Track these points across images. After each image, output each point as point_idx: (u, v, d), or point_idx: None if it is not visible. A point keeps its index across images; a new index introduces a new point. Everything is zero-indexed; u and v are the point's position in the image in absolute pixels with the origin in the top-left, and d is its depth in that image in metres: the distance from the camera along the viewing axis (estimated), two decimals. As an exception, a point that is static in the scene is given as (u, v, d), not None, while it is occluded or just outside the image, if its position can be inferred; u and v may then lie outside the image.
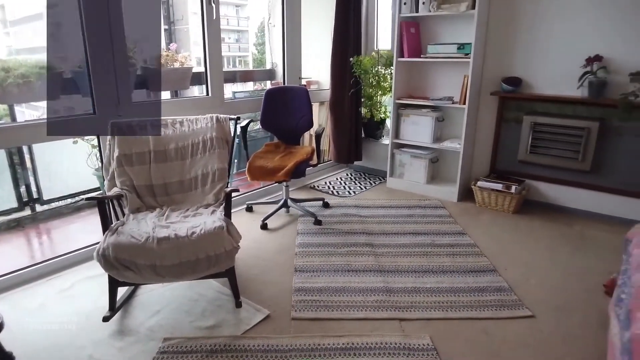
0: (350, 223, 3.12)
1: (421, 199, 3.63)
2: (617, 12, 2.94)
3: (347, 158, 4.23)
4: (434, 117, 3.65)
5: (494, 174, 3.61)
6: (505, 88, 3.36)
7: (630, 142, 3.03)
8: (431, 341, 1.86)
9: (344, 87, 4.02)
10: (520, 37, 3.33)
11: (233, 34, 12.46)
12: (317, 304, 2.14)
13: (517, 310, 2.09)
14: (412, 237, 2.88)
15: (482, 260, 2.58)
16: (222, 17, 4.17)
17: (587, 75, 3.03)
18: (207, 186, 2.42)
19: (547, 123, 3.26)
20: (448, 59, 3.48)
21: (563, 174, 3.32)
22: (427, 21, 3.76)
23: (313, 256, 2.63)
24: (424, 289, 2.27)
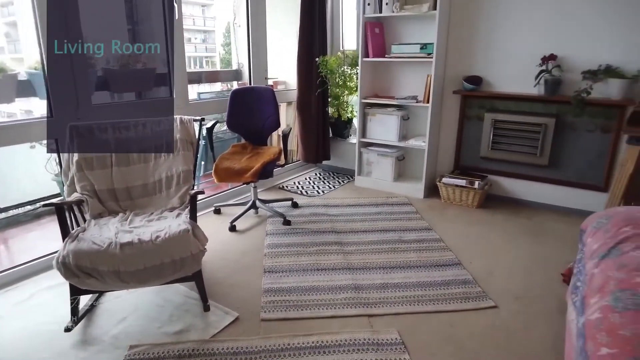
0: (319, 222, 3.13)
1: (389, 197, 3.69)
2: (570, 13, 3.08)
3: (316, 158, 4.24)
4: (399, 116, 3.71)
5: (458, 170, 3.71)
6: (466, 87, 3.46)
7: (584, 137, 3.17)
8: (399, 335, 1.90)
9: (310, 87, 4.03)
10: (480, 37, 3.44)
11: (199, 34, 12.27)
12: (287, 304, 2.14)
13: (481, 302, 2.16)
14: (380, 234, 2.92)
15: (448, 255, 2.64)
16: (188, 16, 4.09)
17: (542, 74, 3.16)
18: (172, 189, 2.38)
19: (506, 120, 3.38)
20: (412, 58, 3.55)
21: (523, 168, 3.45)
22: (391, 21, 3.82)
23: (282, 256, 2.63)
24: (392, 284, 2.31)
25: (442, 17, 3.36)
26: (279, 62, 4.38)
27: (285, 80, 4.49)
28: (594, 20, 3.01)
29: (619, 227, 1.92)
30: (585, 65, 3.05)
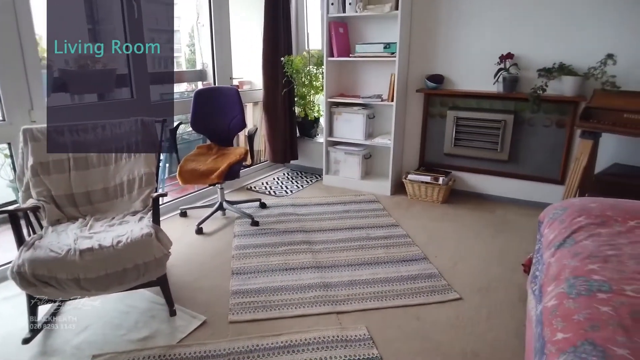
0: (287, 222, 3.12)
1: (356, 195, 3.73)
2: (526, 14, 3.20)
3: (283, 157, 4.23)
4: (365, 115, 3.75)
5: (423, 167, 3.79)
6: (429, 85, 3.54)
7: (541, 132, 3.30)
8: (367, 331, 1.92)
9: (276, 86, 4.02)
10: (441, 37, 3.52)
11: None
12: (255, 305, 2.13)
13: (447, 295, 2.21)
14: (348, 232, 2.95)
15: (414, 250, 2.69)
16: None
17: (501, 72, 3.26)
18: (134, 192, 2.32)
19: (468, 117, 3.47)
20: (375, 58, 3.59)
21: (485, 164, 3.55)
22: (354, 21, 3.85)
23: (250, 257, 2.61)
24: (360, 281, 2.33)
25: (404, 17, 3.42)
26: (244, 62, 4.35)
27: (251, 80, 4.46)
28: (548, 21, 3.13)
29: (573, 218, 2.01)
30: (540, 64, 3.18)
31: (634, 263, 1.61)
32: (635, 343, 1.18)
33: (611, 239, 1.81)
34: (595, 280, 1.49)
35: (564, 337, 1.25)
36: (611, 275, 1.52)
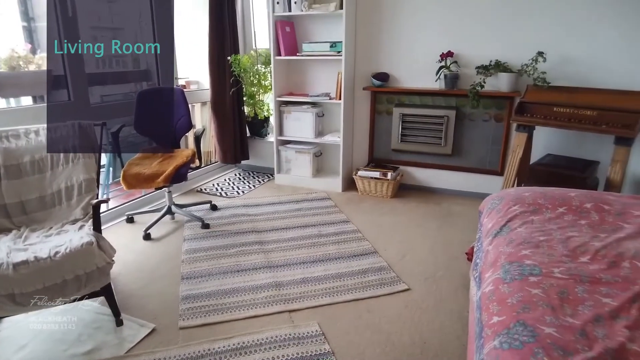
0: (239, 223, 3.10)
1: (308, 193, 3.75)
2: (464, 14, 3.34)
3: (234, 158, 4.18)
4: (314, 113, 3.78)
5: (372, 163, 3.87)
6: (375, 83, 3.61)
7: (481, 127, 3.47)
8: (319, 327, 1.95)
9: (224, 86, 3.96)
10: (385, 36, 3.61)
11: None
12: (206, 309, 2.10)
13: (396, 286, 2.28)
14: (300, 230, 2.96)
15: (365, 244, 2.75)
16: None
17: (442, 69, 3.39)
18: (73, 200, 2.21)
19: (413, 113, 3.59)
20: (322, 56, 3.62)
21: (430, 158, 3.69)
22: (301, 20, 3.87)
23: (201, 261, 2.56)
24: (312, 278, 2.36)
25: (349, 16, 3.47)
26: (191, 61, 4.24)
27: (199, 80, 4.36)
28: (485, 21, 3.29)
29: (509, 207, 2.13)
30: (478, 61, 3.33)
31: (562, 247, 1.73)
32: (561, 320, 1.28)
33: (542, 225, 1.94)
34: (528, 265, 1.59)
35: (498, 320, 1.33)
36: (542, 259, 1.63)
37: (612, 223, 1.96)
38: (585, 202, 2.09)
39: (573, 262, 1.61)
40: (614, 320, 1.29)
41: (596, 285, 1.47)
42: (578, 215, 2.03)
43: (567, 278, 1.50)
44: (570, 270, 1.55)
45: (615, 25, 2.98)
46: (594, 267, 1.58)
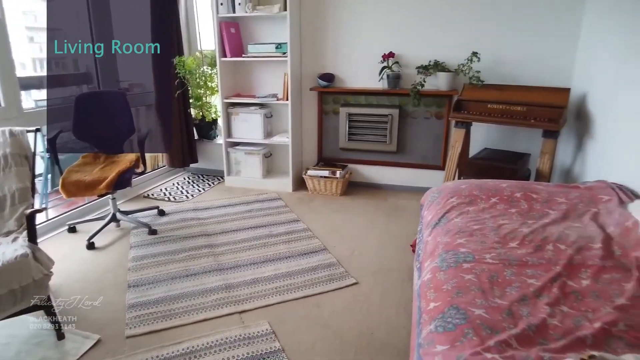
0: (188, 227, 3.05)
1: (259, 194, 3.75)
2: (404, 16, 3.47)
3: (182, 161, 4.10)
4: (262, 114, 3.78)
5: (321, 162, 3.93)
6: (321, 83, 3.67)
7: (423, 124, 3.62)
8: (269, 326, 1.97)
9: (169, 88, 3.88)
10: (329, 37, 3.68)
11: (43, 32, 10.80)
12: (154, 316, 2.06)
13: (344, 281, 2.34)
14: (251, 232, 2.97)
15: (314, 242, 2.80)
16: (29, 12, 3.71)
17: (385, 70, 3.50)
18: (6, 211, 2.10)
19: (358, 113, 3.68)
20: (268, 58, 3.64)
21: (377, 156, 3.80)
22: (245, 21, 3.86)
23: (148, 268, 2.51)
24: (263, 278, 2.37)
25: (293, 17, 3.51)
26: (134, 63, 4.11)
27: (142, 83, 4.24)
28: (424, 22, 3.44)
29: (447, 199, 2.25)
30: (418, 61, 3.47)
31: (494, 234, 1.86)
32: (490, 302, 1.38)
33: (477, 215, 2.06)
34: (462, 253, 1.69)
35: (435, 306, 1.41)
36: (475, 247, 1.74)
37: (539, 210, 2.12)
38: (515, 191, 2.25)
39: (503, 248, 1.73)
40: (538, 298, 1.41)
41: (523, 267, 1.59)
42: (509, 204, 2.17)
43: (497, 263, 1.61)
44: (500, 255, 1.67)
45: (540, 28, 3.22)
46: (521, 252, 1.71)
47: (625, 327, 1.27)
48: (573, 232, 1.86)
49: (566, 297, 1.43)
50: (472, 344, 1.16)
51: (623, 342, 1.22)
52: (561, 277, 1.53)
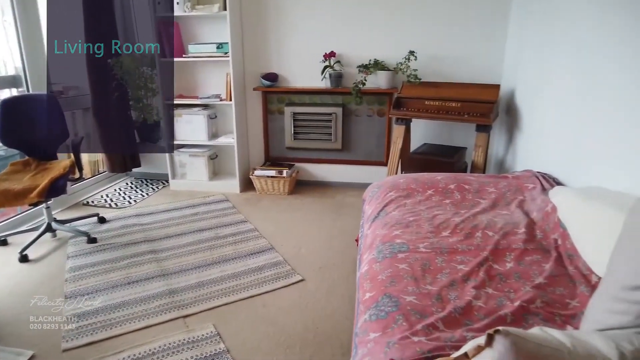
0: (130, 234, 2.96)
1: (205, 196, 3.70)
2: (344, 16, 3.54)
3: (124, 166, 3.96)
4: (206, 115, 3.73)
5: (268, 162, 3.93)
6: (264, 83, 3.67)
7: (366, 122, 3.71)
8: (214, 328, 1.95)
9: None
10: (272, 37, 3.68)
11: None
12: (93, 327, 1.99)
13: (290, 278, 2.37)
14: (196, 235, 2.92)
15: (262, 242, 2.81)
16: None
17: (327, 69, 3.56)
18: None
19: (303, 112, 3.72)
20: (210, 58, 3.59)
21: (323, 154, 3.85)
22: (185, 21, 3.78)
23: (87, 278, 2.41)
24: (208, 281, 2.35)
25: (234, 17, 3.48)
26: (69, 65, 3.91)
27: (78, 85, 4.05)
28: (364, 22, 3.52)
29: (386, 193, 2.33)
30: (359, 60, 3.55)
31: (428, 225, 1.94)
32: (422, 289, 1.45)
33: (413, 207, 2.15)
34: (397, 244, 1.77)
35: (370, 296, 1.47)
36: (410, 237, 1.81)
37: (471, 200, 2.24)
38: (449, 183, 2.37)
39: (436, 237, 1.82)
40: (465, 283, 1.50)
41: (453, 254, 1.68)
42: (443, 195, 2.28)
43: (429, 251, 1.69)
44: (433, 244, 1.76)
45: (472, 29, 3.39)
46: (453, 240, 1.80)
47: (542, 304, 1.38)
48: (500, 219, 1.99)
49: (491, 280, 1.53)
50: (401, 330, 1.22)
51: (539, 317, 1.32)
52: (487, 262, 1.63)
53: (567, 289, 1.48)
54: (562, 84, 2.45)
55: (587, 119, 2.13)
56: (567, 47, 2.39)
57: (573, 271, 1.58)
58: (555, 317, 1.33)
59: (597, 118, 2.04)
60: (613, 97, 1.91)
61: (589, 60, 2.14)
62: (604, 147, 1.97)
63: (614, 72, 1.92)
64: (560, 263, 1.64)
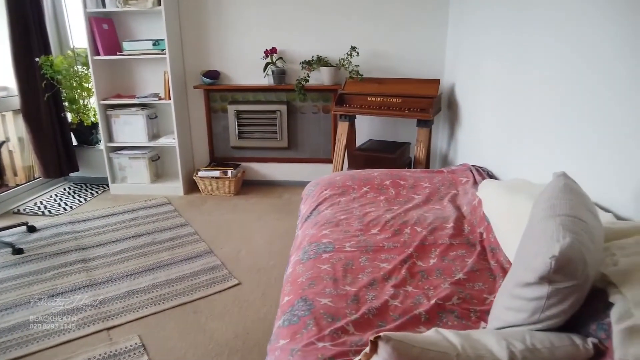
0: (60, 243, 2.79)
1: (147, 200, 3.55)
2: (285, 12, 3.47)
3: (59, 171, 3.75)
4: (145, 115, 3.58)
5: (214, 162, 3.83)
6: (205, 81, 3.56)
7: (311, 119, 3.67)
8: (140, 339, 1.86)
9: (35, 91, 3.52)
10: (212, 33, 3.57)
11: None
12: (8, 345, 1.85)
13: (226, 283, 2.30)
14: (132, 241, 2.79)
15: (200, 246, 2.71)
16: None
17: (269, 65, 3.49)
18: None
19: (247, 110, 3.64)
20: (146, 55, 3.45)
21: (268, 152, 3.78)
22: (120, 17, 3.61)
23: (7, 292, 2.25)
24: (139, 289, 2.24)
25: (170, 13, 3.35)
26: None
27: (7, 86, 3.80)
28: (305, 18, 3.48)
29: (321, 191, 2.29)
30: (302, 57, 3.51)
31: (358, 222, 1.92)
32: (340, 290, 1.41)
33: (347, 205, 2.12)
34: (323, 243, 1.73)
35: (287, 300, 1.42)
36: (337, 237, 1.78)
37: (405, 196, 2.24)
38: (385, 179, 2.35)
39: (364, 235, 1.80)
40: (386, 281, 1.47)
41: (378, 253, 1.66)
42: (378, 192, 2.27)
43: (354, 250, 1.66)
44: (359, 242, 1.73)
45: (413, 20, 3.40)
46: (380, 237, 1.78)
47: (459, 301, 1.37)
48: (431, 214, 1.99)
49: (413, 277, 1.51)
50: (309, 335, 1.17)
51: (454, 315, 1.31)
52: (412, 259, 1.61)
53: (486, 283, 1.48)
54: (492, 77, 2.49)
55: (516, 112, 2.16)
56: (496, 40, 2.43)
57: (494, 265, 1.59)
58: (470, 313, 1.32)
59: (525, 111, 2.07)
60: (540, 90, 1.94)
61: (519, 52, 2.17)
62: (531, 140, 2.00)
63: (542, 64, 1.96)
64: (483, 257, 1.65)
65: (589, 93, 1.55)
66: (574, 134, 1.65)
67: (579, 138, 1.62)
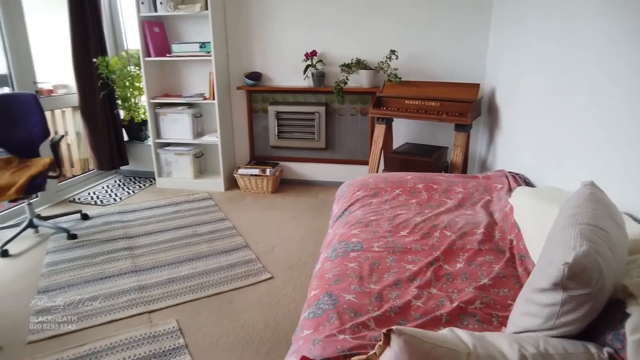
0: (110, 231, 3.00)
1: (190, 194, 3.74)
2: (326, 15, 3.55)
3: (111, 164, 4.02)
4: (190, 114, 3.77)
5: (253, 160, 3.96)
6: (248, 82, 3.70)
7: (349, 120, 3.72)
8: (177, 324, 1.99)
9: (92, 89, 3.78)
10: (255, 36, 3.70)
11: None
12: (61, 321, 2.03)
13: (260, 276, 2.40)
14: (174, 232, 2.96)
15: (237, 240, 2.84)
16: None
17: (309, 68, 3.57)
18: None
19: (287, 111, 3.74)
20: (193, 57, 3.62)
21: (306, 153, 3.87)
22: (169, 20, 3.82)
23: (62, 273, 2.46)
24: (178, 277, 2.38)
25: (217, 16, 3.51)
26: (57, 64, 3.97)
27: (68, 84, 4.11)
28: (346, 22, 3.54)
29: (354, 192, 2.34)
30: (341, 59, 3.57)
31: (388, 224, 1.96)
32: (364, 287, 1.46)
33: (378, 206, 2.17)
34: (352, 242, 1.78)
35: (314, 294, 1.49)
36: (366, 237, 1.83)
37: (438, 200, 2.25)
38: (418, 183, 2.37)
39: (392, 237, 1.84)
40: (411, 282, 1.51)
41: (405, 254, 1.70)
42: (411, 195, 2.29)
43: (382, 251, 1.71)
44: (387, 243, 1.77)
45: (453, 23, 3.38)
46: (409, 239, 1.82)
47: (481, 305, 1.38)
48: (462, 219, 2.00)
49: (438, 280, 1.54)
50: (331, 327, 1.24)
51: (475, 318, 1.33)
52: (438, 261, 1.64)
53: (511, 290, 1.48)
54: (534, 83, 2.45)
55: (556, 119, 2.13)
56: (539, 46, 2.39)
57: (522, 272, 1.59)
58: (492, 318, 1.33)
59: (565, 118, 2.03)
60: (579, 104, 1.91)
61: (559, 59, 2.14)
62: (570, 148, 1.96)
63: (585, 71, 1.92)
64: (511, 264, 1.65)
65: (629, 111, 1.52)
66: (611, 144, 1.62)
67: (616, 149, 1.59)
